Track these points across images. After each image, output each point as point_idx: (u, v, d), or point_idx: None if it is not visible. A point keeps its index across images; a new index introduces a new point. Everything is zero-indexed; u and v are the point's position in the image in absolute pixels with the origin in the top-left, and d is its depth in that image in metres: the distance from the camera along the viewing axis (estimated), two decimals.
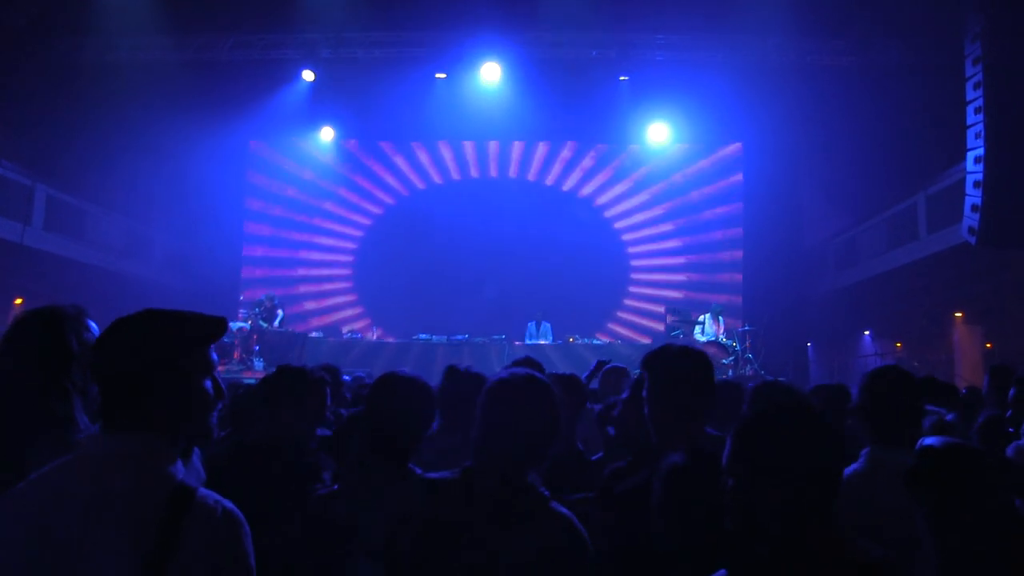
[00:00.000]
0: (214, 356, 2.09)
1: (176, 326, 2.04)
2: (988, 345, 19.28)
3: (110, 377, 1.98)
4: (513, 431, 2.39)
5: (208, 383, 2.05)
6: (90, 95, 16.38)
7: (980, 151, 13.11)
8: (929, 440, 2.59)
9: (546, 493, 2.41)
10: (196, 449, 2.87)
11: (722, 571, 2.03)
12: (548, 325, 17.80)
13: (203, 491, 1.93)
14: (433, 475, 2.52)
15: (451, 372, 4.21)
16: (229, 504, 1.95)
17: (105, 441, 1.95)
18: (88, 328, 2.87)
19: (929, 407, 4.98)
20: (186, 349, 2.03)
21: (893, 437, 2.99)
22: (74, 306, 2.92)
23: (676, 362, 2.89)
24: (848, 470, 2.93)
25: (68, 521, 1.83)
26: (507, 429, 2.40)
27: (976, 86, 13.12)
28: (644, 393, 2.96)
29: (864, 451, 3.02)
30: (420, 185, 21.07)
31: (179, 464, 1.98)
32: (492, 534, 2.31)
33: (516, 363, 7.23)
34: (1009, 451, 3.79)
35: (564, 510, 2.39)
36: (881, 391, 3.11)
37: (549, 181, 21.04)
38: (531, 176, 21.10)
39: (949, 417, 4.90)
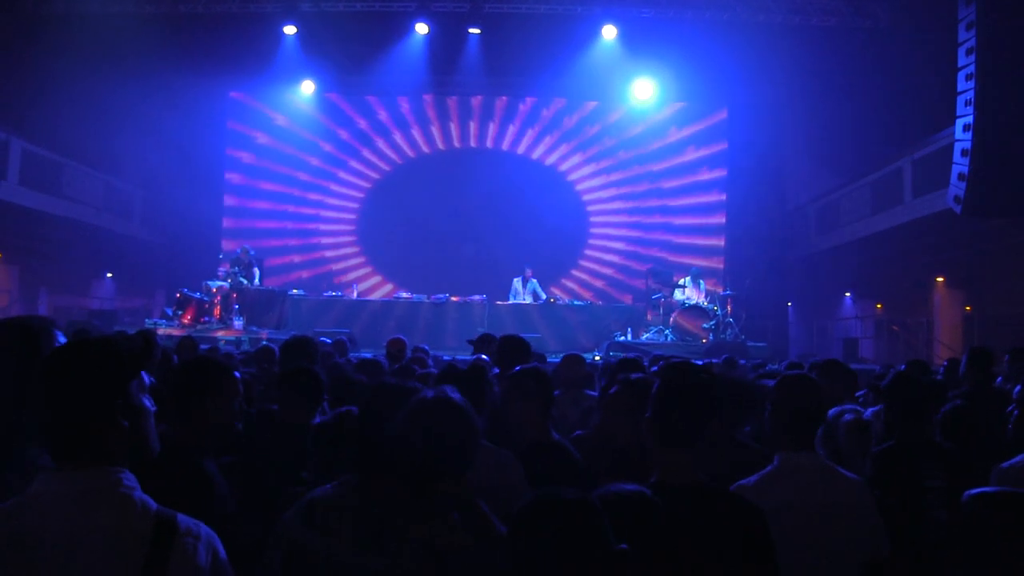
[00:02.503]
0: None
1: (119, 359, 1.99)
2: (968, 308, 19.37)
3: (67, 417, 1.92)
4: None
5: (147, 400, 2.05)
6: (65, 49, 15.98)
7: (969, 118, 13.00)
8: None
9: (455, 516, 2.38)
10: None
11: None
12: (535, 282, 17.72)
13: (182, 518, 1.92)
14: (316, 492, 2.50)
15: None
16: (204, 528, 1.96)
17: (67, 477, 1.89)
18: (58, 339, 2.80)
19: (848, 404, 4.96)
20: (133, 380, 2.01)
21: (800, 441, 3.10)
22: (43, 318, 2.88)
23: (677, 380, 2.76)
24: (762, 472, 3.06)
25: (49, 563, 1.80)
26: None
27: (968, 51, 12.95)
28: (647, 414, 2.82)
29: (776, 455, 3.11)
30: (403, 142, 20.80)
31: (138, 488, 1.96)
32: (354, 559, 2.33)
33: (479, 340, 7.24)
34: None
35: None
36: (788, 400, 3.16)
37: (530, 140, 20.78)
38: (513, 134, 20.85)
39: (868, 413, 4.86)
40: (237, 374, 3.45)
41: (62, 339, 2.82)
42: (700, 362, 12.12)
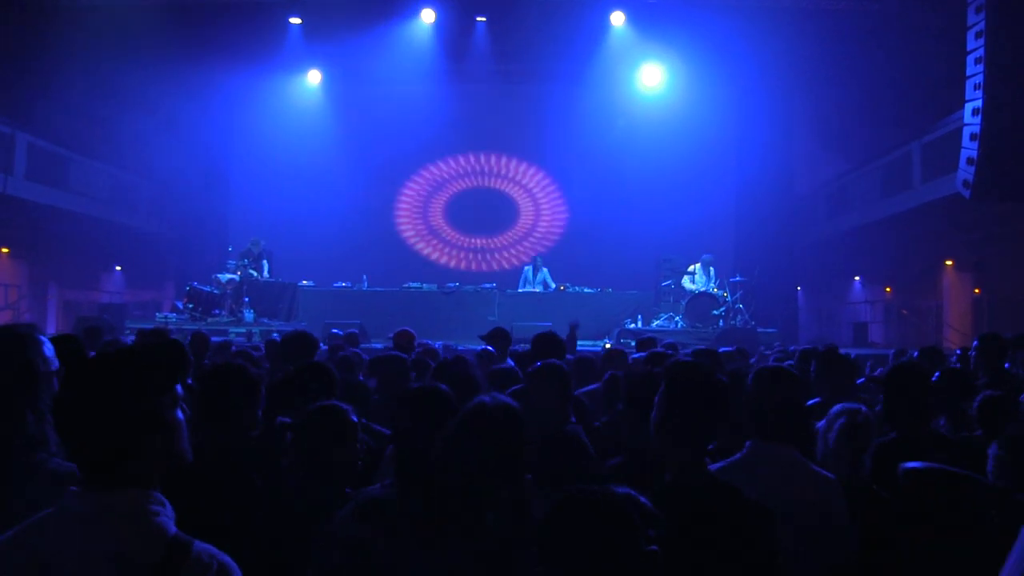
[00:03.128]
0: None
1: (149, 374, 1.93)
2: (976, 291, 19.36)
3: (92, 438, 1.86)
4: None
5: (179, 414, 1.98)
6: (69, 42, 15.95)
7: (979, 103, 12.95)
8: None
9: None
10: None
11: None
12: (546, 271, 17.73)
13: (198, 545, 1.87)
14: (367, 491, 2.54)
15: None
16: (224, 556, 1.89)
17: (92, 499, 1.85)
18: (43, 344, 2.81)
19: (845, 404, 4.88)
20: (164, 399, 1.93)
21: (773, 433, 3.09)
22: (29, 325, 2.89)
23: (687, 381, 2.76)
24: (730, 459, 3.08)
25: None
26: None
27: (978, 35, 12.89)
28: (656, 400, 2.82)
29: (748, 442, 3.12)
30: (408, 130, 20.69)
31: (168, 509, 1.90)
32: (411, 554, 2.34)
33: (489, 335, 7.25)
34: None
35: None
36: (764, 391, 3.20)
37: (537, 122, 20.63)
38: (519, 116, 20.70)
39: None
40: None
41: (48, 346, 2.81)
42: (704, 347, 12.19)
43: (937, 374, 5.01)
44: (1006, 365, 7.35)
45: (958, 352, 8.91)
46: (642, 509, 1.85)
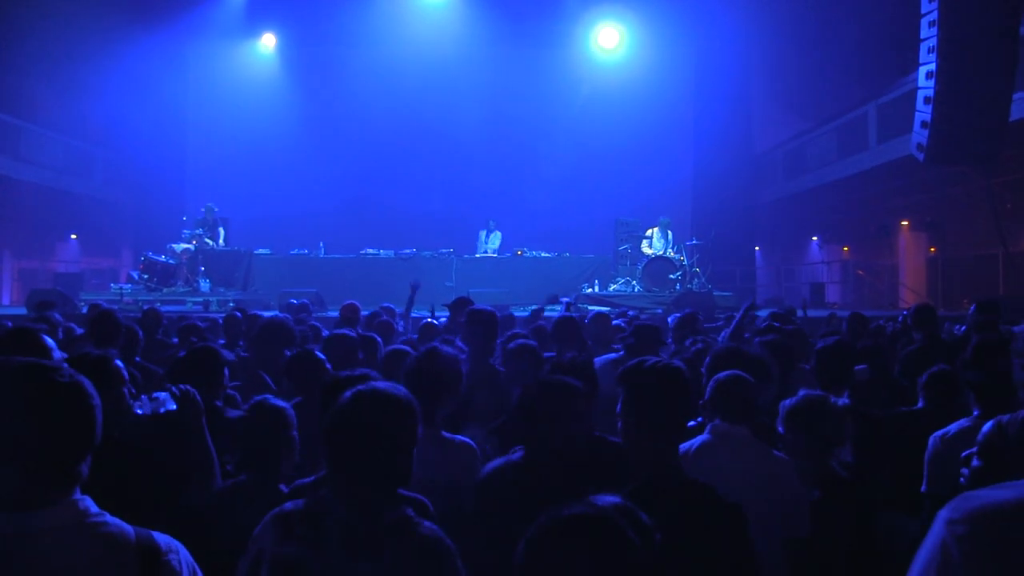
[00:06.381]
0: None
1: (95, 380, 1.89)
2: (932, 250, 19.59)
3: (34, 452, 1.78)
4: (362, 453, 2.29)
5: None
6: (21, 11, 15.60)
7: (932, 66, 12.94)
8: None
9: (409, 513, 2.30)
10: None
11: None
12: (499, 233, 17.70)
13: (159, 537, 1.87)
14: (286, 505, 2.39)
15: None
16: (184, 551, 1.91)
17: (41, 516, 1.77)
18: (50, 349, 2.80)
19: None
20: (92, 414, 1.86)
21: (731, 414, 3.23)
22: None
23: (651, 381, 2.76)
24: (696, 440, 3.21)
25: None
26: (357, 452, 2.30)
27: None
28: (619, 409, 2.83)
29: (709, 425, 3.26)
30: (365, 93, 20.43)
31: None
32: (343, 567, 2.21)
33: (453, 305, 7.25)
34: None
35: (430, 530, 2.28)
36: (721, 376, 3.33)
37: (496, 86, 20.44)
38: (478, 82, 20.48)
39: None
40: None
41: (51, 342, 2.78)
42: (661, 311, 12.22)
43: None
44: (957, 328, 7.54)
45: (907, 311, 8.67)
46: (635, 520, 1.59)
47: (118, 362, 3.22)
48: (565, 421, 2.80)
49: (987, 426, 2.18)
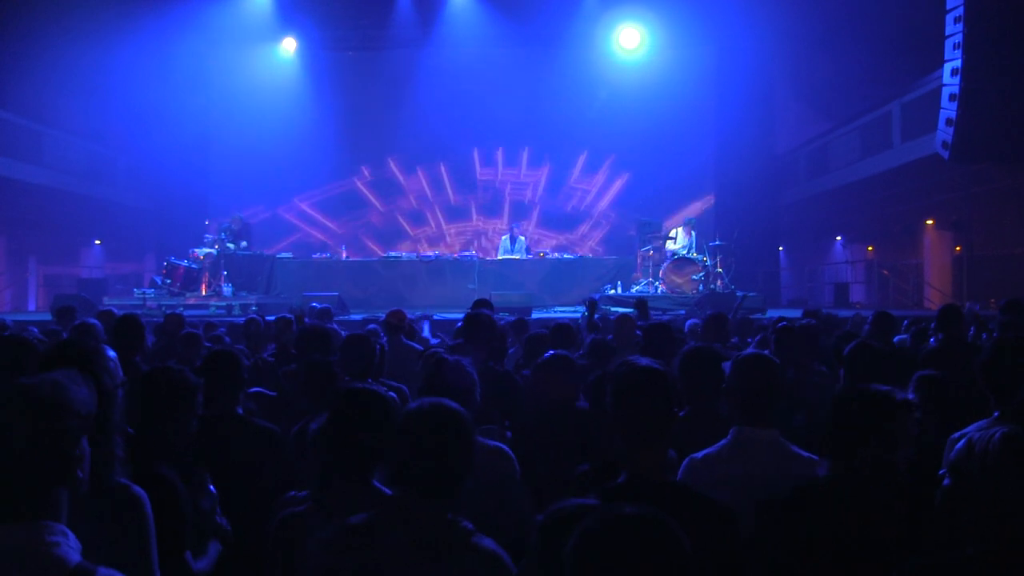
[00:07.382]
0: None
1: (59, 404, 1.82)
2: (957, 249, 19.38)
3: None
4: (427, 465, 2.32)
5: (85, 445, 1.88)
6: (40, 15, 15.71)
7: (958, 63, 12.85)
8: None
9: (469, 527, 2.31)
10: None
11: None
12: (523, 239, 17.67)
13: (103, 572, 1.79)
14: (353, 519, 2.37)
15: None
16: None
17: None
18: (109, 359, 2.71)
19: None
20: (75, 428, 1.84)
21: (756, 418, 3.18)
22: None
23: (631, 382, 2.72)
24: (717, 445, 3.18)
25: None
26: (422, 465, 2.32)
27: None
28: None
29: (732, 429, 3.21)
30: (386, 96, 20.42)
31: (72, 539, 1.82)
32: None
33: (473, 307, 7.22)
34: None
35: (490, 545, 2.29)
36: (744, 379, 3.25)
37: (517, 88, 20.34)
38: (499, 83, 20.39)
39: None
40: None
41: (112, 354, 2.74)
42: (684, 313, 12.14)
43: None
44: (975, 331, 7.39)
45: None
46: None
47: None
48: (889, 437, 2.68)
49: (959, 445, 2.14)
